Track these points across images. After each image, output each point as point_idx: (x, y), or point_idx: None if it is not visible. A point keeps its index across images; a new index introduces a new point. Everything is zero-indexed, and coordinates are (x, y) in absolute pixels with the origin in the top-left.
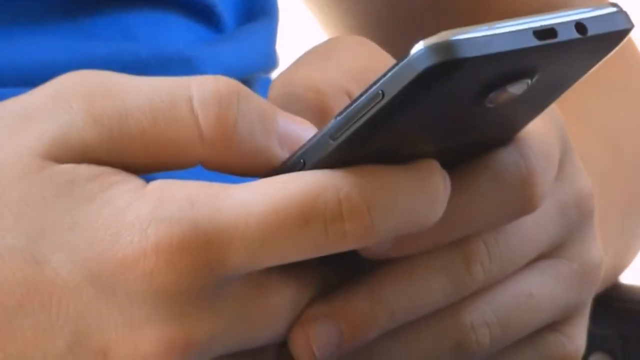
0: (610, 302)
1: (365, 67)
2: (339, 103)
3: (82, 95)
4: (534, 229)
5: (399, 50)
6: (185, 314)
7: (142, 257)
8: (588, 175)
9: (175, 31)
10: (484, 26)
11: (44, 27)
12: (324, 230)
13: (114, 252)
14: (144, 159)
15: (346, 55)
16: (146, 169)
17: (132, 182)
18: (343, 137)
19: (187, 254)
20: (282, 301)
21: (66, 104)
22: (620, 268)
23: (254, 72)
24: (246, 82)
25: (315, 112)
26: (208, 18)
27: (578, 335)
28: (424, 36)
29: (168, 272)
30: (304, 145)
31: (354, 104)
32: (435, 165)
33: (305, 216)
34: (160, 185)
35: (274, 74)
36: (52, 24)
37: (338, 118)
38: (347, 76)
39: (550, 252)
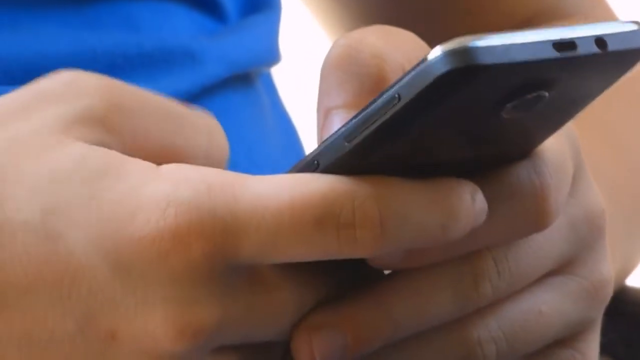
0: (616, 305)
1: (418, 55)
2: (396, 78)
3: (103, 85)
4: (544, 245)
5: None
6: (197, 299)
7: (158, 238)
8: (598, 188)
9: (179, 22)
10: (503, 34)
11: (47, 18)
12: (335, 234)
13: (131, 231)
14: (154, 158)
15: (405, 40)
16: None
17: (144, 163)
18: (358, 140)
19: (202, 239)
20: (288, 298)
21: (86, 90)
22: (626, 272)
23: (256, 65)
24: (249, 75)
25: (374, 79)
26: (211, 9)
27: (590, 351)
28: (425, 37)
29: (183, 255)
30: (320, 145)
31: (370, 107)
32: (457, 184)
33: (319, 218)
34: (176, 168)
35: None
36: (56, 14)
37: (354, 120)
38: (406, 57)
39: (560, 268)
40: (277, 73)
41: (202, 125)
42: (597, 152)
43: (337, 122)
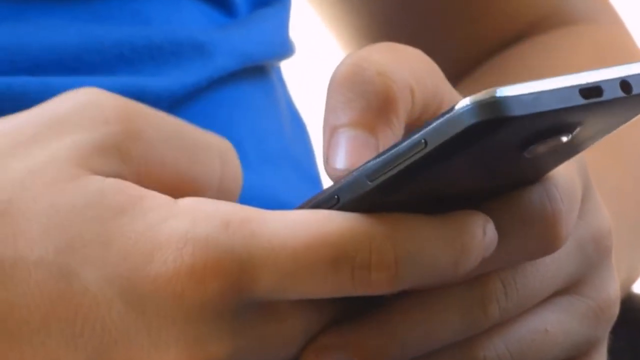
0: (622, 313)
1: (425, 74)
2: (403, 96)
3: (121, 110)
4: (552, 266)
5: None
6: (209, 336)
7: (175, 278)
8: (602, 197)
9: (188, 15)
10: (529, 83)
11: (55, 10)
12: (350, 275)
13: (147, 270)
14: (168, 186)
15: (412, 57)
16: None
17: (161, 197)
18: (380, 180)
19: (219, 278)
20: (297, 326)
21: (103, 117)
22: (631, 281)
23: (267, 59)
24: (261, 69)
25: (379, 97)
26: (221, 3)
27: None
28: (428, 41)
29: (198, 293)
30: (340, 180)
31: (395, 148)
32: (470, 219)
33: (336, 259)
34: (194, 203)
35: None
36: (64, 7)
37: (377, 160)
38: (413, 75)
39: (567, 289)
40: (286, 69)
41: (215, 150)
42: (601, 162)
43: (343, 140)
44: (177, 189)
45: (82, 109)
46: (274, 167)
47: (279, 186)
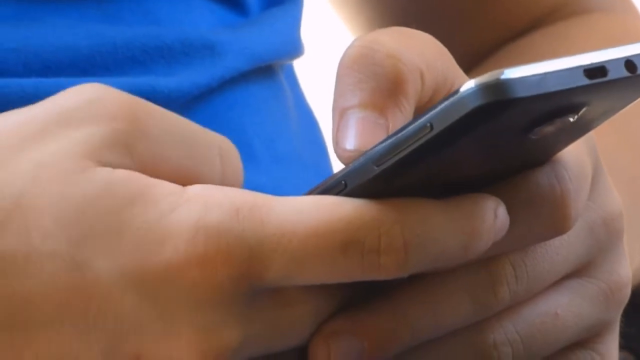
0: (634, 300)
1: (435, 58)
2: (413, 78)
3: (127, 106)
4: (562, 249)
5: None
6: (221, 323)
7: (186, 266)
8: (614, 183)
9: (199, 15)
10: (533, 64)
11: (67, 11)
12: (360, 259)
13: (159, 258)
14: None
15: (422, 41)
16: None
17: (170, 185)
18: (387, 165)
19: (229, 265)
20: (307, 311)
21: (110, 112)
22: None
23: (278, 58)
24: (271, 68)
25: (389, 79)
26: (232, 3)
27: (609, 353)
28: (442, 27)
29: (210, 281)
30: (347, 166)
31: (401, 133)
32: (480, 202)
33: (345, 244)
34: (203, 190)
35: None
36: (76, 8)
37: (383, 144)
38: (423, 58)
39: (578, 271)
40: (298, 67)
41: (216, 147)
42: (613, 148)
43: (353, 121)
44: (181, 184)
45: (89, 105)
46: (283, 168)
47: (288, 187)
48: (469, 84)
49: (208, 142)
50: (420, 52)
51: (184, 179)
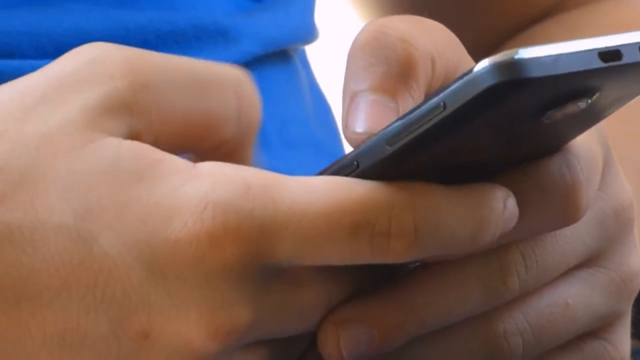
0: None
1: (447, 45)
2: (424, 63)
3: (126, 62)
4: (572, 238)
5: None
6: (230, 300)
7: (195, 241)
8: (625, 176)
9: (213, 1)
10: (548, 45)
11: None
12: (369, 241)
13: (167, 234)
14: (179, 136)
15: (434, 28)
16: (176, 148)
17: (180, 161)
18: (399, 145)
19: (238, 242)
20: (318, 294)
21: (108, 72)
22: None
23: (292, 43)
24: (284, 53)
25: (401, 62)
26: None
27: (621, 342)
28: (455, 16)
29: (218, 257)
30: (360, 145)
31: (414, 113)
32: (490, 192)
33: (355, 226)
34: (213, 167)
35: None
36: None
37: (396, 124)
38: (434, 45)
39: (588, 261)
40: (311, 52)
41: (229, 82)
42: (623, 138)
43: (363, 104)
44: (191, 130)
45: (87, 66)
46: (296, 153)
47: (301, 172)
48: (483, 63)
49: (219, 78)
50: (433, 38)
51: (198, 123)
